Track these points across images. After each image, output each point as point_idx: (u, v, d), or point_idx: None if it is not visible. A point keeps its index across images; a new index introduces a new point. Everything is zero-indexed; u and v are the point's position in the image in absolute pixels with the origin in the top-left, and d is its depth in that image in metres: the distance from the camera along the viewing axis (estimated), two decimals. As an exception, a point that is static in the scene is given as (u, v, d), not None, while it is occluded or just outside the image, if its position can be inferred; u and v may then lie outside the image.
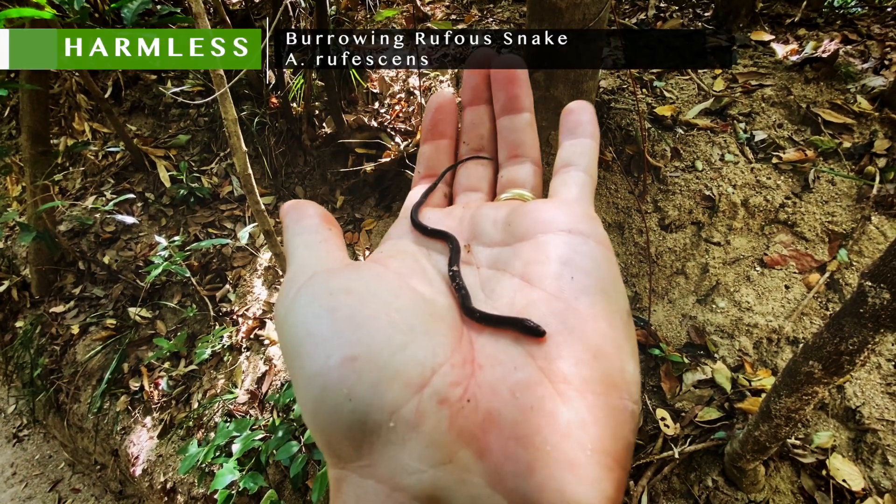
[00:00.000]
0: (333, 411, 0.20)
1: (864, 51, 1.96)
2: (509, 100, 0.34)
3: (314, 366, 0.21)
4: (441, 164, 0.37)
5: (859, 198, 1.71)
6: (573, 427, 0.20)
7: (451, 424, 0.20)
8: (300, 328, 0.23)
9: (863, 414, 1.44)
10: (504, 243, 0.29)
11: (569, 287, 0.24)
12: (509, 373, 0.22)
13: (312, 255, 0.27)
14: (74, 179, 2.87)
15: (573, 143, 0.32)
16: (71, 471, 2.54)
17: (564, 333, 0.23)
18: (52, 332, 2.50)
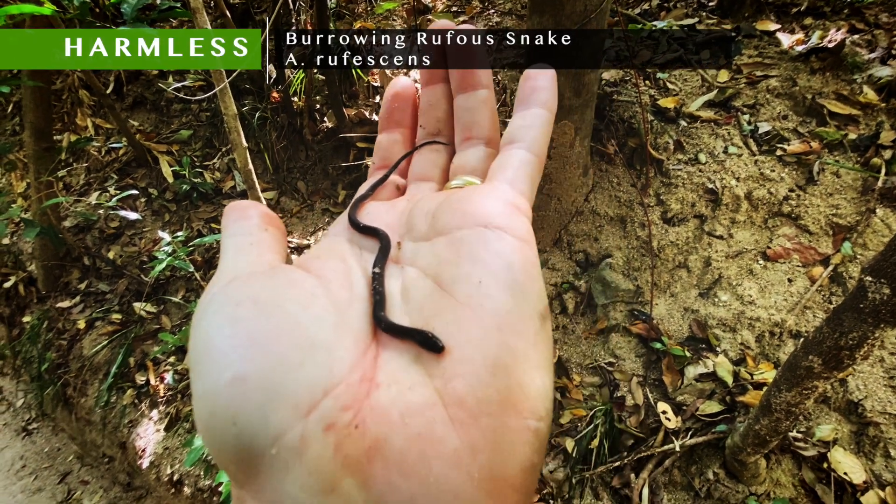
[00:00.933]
0: (220, 434, 0.20)
1: (871, 40, 1.93)
2: (464, 75, 0.31)
3: (206, 384, 0.20)
4: (396, 155, 0.35)
5: (864, 190, 1.69)
6: (462, 454, 0.19)
7: (336, 452, 0.19)
8: (202, 341, 0.21)
9: (865, 407, 1.44)
10: (426, 238, 0.27)
11: (476, 293, 0.22)
12: (403, 393, 0.21)
13: (240, 259, 0.25)
14: (78, 175, 2.88)
15: (523, 114, 0.30)
16: (79, 463, 2.58)
17: (465, 346, 0.21)
18: (58, 326, 2.53)
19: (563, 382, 1.73)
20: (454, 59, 0.31)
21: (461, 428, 0.19)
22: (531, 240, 0.25)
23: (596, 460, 1.53)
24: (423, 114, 0.34)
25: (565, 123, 1.66)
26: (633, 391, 1.65)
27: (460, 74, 0.32)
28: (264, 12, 2.98)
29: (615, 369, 1.71)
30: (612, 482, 1.52)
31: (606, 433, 1.56)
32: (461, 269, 0.23)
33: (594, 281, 1.85)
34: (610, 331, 1.79)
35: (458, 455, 0.19)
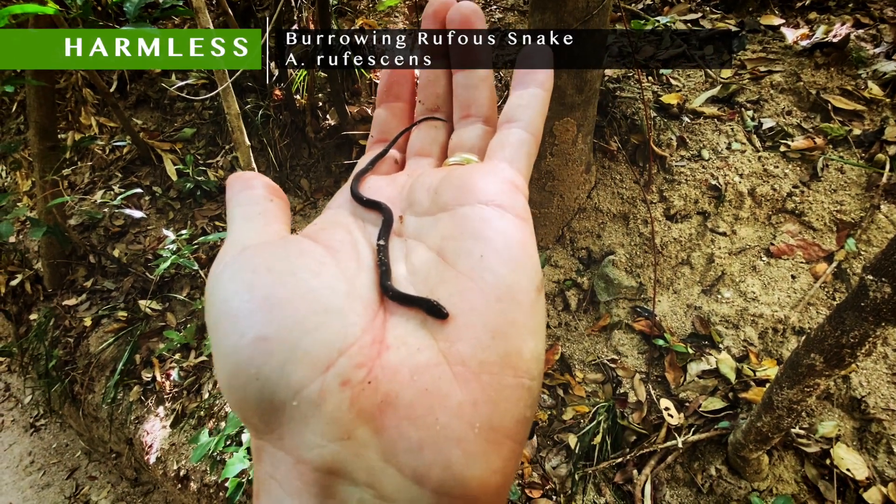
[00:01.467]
0: (243, 388, 0.21)
1: (876, 35, 1.92)
2: (465, 53, 0.32)
3: (228, 343, 0.22)
4: (395, 129, 0.35)
5: (869, 186, 1.69)
6: (465, 407, 0.21)
7: (351, 404, 0.21)
8: (220, 305, 0.23)
9: (868, 404, 1.44)
10: (429, 213, 0.28)
11: (478, 266, 0.24)
12: (412, 354, 0.23)
13: (248, 228, 0.27)
14: (83, 174, 2.90)
15: (520, 93, 0.30)
16: (87, 459, 2.61)
17: (468, 314, 0.23)
18: (65, 324, 2.55)
19: (566, 379, 1.74)
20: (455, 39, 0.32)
21: (464, 384, 0.22)
22: (528, 217, 0.27)
23: (598, 456, 1.54)
24: (422, 89, 0.35)
25: (568, 120, 1.66)
26: (635, 388, 1.65)
27: (461, 51, 0.32)
28: (266, 10, 2.98)
29: (618, 366, 1.71)
30: (614, 478, 1.53)
31: (609, 429, 1.57)
32: (464, 244, 0.25)
33: (597, 278, 1.86)
34: (613, 327, 1.80)
35: (461, 407, 0.21)
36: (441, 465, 0.20)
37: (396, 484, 0.20)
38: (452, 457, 0.20)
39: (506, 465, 0.21)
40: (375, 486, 0.20)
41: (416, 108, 0.35)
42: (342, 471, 0.20)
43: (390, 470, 0.20)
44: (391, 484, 0.20)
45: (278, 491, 0.21)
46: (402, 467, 0.20)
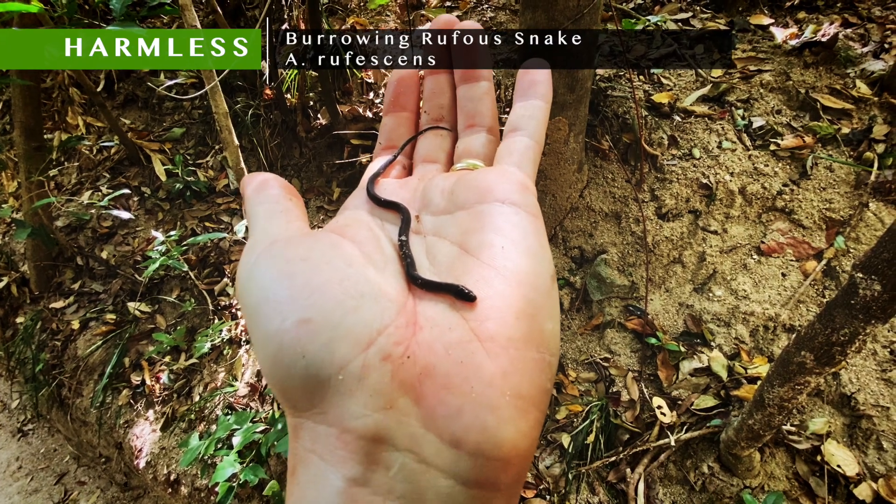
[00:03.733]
0: (289, 367, 0.23)
1: (864, 34, 1.93)
2: (467, 56, 0.35)
3: (271, 327, 0.24)
4: (402, 136, 0.37)
5: (857, 184, 1.70)
6: (496, 378, 0.23)
7: (392, 377, 0.23)
8: (259, 292, 0.25)
9: (858, 400, 1.45)
10: (447, 212, 0.31)
11: (500, 256, 0.27)
12: (445, 333, 0.25)
13: (273, 224, 0.29)
14: (70, 174, 2.86)
15: (524, 104, 0.33)
16: (76, 464, 2.58)
17: (493, 297, 0.25)
18: (52, 327, 2.51)
19: (559, 378, 1.74)
20: (459, 54, 0.35)
21: (494, 358, 0.24)
22: (539, 214, 0.30)
23: (592, 455, 1.54)
24: (426, 100, 0.37)
25: (559, 119, 1.65)
26: (628, 386, 1.65)
27: (464, 67, 0.35)
28: (256, 8, 2.95)
29: (610, 365, 1.71)
30: (607, 477, 1.53)
31: (602, 428, 1.57)
32: (485, 237, 0.28)
33: (589, 277, 1.86)
34: (605, 326, 1.80)
35: (493, 378, 0.23)
36: (477, 429, 0.22)
37: (436, 448, 0.22)
38: (487, 421, 0.22)
39: (532, 430, 0.24)
40: (416, 451, 0.22)
41: (421, 118, 0.38)
42: (385, 437, 0.22)
43: (430, 436, 0.22)
44: (431, 448, 0.22)
45: (318, 464, 0.23)
46: (441, 432, 0.22)
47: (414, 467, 0.22)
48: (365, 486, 0.22)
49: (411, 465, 0.22)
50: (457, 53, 0.35)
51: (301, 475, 0.23)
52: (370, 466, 0.22)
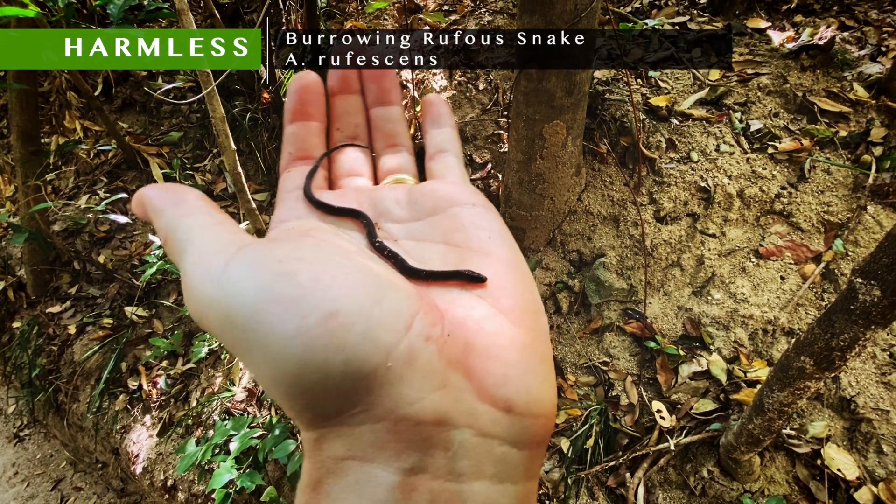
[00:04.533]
0: (323, 367, 0.21)
1: (860, 37, 1.94)
2: (382, 92, 0.38)
3: (288, 328, 0.22)
4: (313, 146, 0.37)
5: (855, 187, 1.70)
6: (527, 343, 0.26)
7: (440, 356, 0.23)
8: (254, 296, 0.22)
9: (857, 404, 1.44)
10: (415, 219, 0.33)
11: (488, 244, 0.30)
12: (469, 311, 0.26)
13: (218, 236, 0.26)
14: (67, 179, 2.85)
15: (440, 131, 0.37)
16: (72, 469, 2.56)
17: (499, 278, 0.28)
18: (49, 332, 2.50)
19: (558, 382, 1.73)
20: (371, 77, 0.38)
21: (520, 327, 0.26)
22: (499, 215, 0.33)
23: (591, 460, 1.53)
24: (339, 118, 0.38)
25: (557, 123, 1.65)
26: (627, 390, 1.65)
27: (378, 91, 0.38)
28: (254, 12, 2.95)
29: (609, 368, 1.71)
30: (607, 482, 1.52)
31: (601, 433, 1.56)
32: (469, 232, 0.30)
33: (588, 280, 1.85)
34: (604, 330, 1.79)
35: (524, 345, 0.26)
36: (524, 392, 0.24)
37: (491, 417, 0.23)
38: (531, 383, 0.25)
39: (555, 388, 0.26)
40: (474, 425, 0.23)
41: (334, 134, 0.38)
42: (444, 417, 0.22)
43: (485, 406, 0.23)
44: (487, 418, 0.23)
45: (359, 468, 0.22)
46: (494, 401, 0.23)
47: (473, 441, 0.22)
48: (423, 472, 0.22)
49: (471, 440, 0.22)
50: (370, 79, 0.38)
51: (332, 487, 0.22)
52: (429, 451, 0.22)
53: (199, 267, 0.24)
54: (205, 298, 0.23)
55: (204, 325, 0.24)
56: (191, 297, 0.24)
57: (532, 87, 1.60)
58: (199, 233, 0.26)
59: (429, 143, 0.37)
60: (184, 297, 0.25)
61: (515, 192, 1.86)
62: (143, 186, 0.29)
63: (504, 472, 0.23)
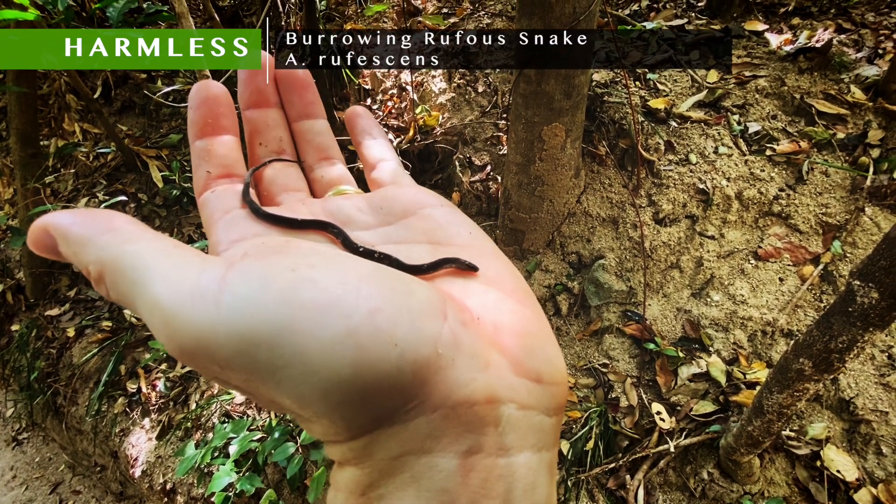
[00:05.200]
0: (378, 364, 0.21)
1: (858, 40, 1.95)
2: (305, 106, 0.37)
3: (336, 332, 0.20)
4: (234, 162, 0.33)
5: (853, 189, 1.71)
6: (535, 319, 0.28)
7: (478, 337, 0.24)
8: (278, 308, 0.21)
9: (857, 405, 1.45)
10: (385, 223, 0.33)
11: (470, 238, 0.31)
12: (482, 297, 0.28)
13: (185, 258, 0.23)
14: (66, 181, 2.85)
15: (374, 142, 0.38)
16: (71, 473, 2.55)
17: (490, 268, 0.30)
18: (47, 335, 2.50)
19: (558, 384, 1.73)
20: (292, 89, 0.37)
21: (526, 306, 0.28)
22: None
23: (591, 462, 1.53)
24: (260, 132, 0.36)
25: (556, 125, 1.66)
26: (627, 392, 1.65)
27: (301, 104, 0.37)
28: (253, 15, 2.96)
29: (609, 370, 1.71)
30: (607, 484, 1.52)
31: (601, 435, 1.56)
32: (450, 229, 0.32)
33: (587, 282, 1.85)
34: (603, 332, 1.79)
35: (534, 320, 0.28)
36: (547, 362, 0.26)
37: (528, 389, 0.24)
38: (551, 354, 0.27)
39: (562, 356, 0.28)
40: (515, 399, 0.24)
41: (256, 150, 0.36)
42: (494, 395, 0.23)
43: (521, 380, 0.24)
44: (524, 391, 0.24)
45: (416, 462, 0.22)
46: (528, 373, 0.25)
47: (517, 415, 0.23)
48: (479, 452, 0.22)
49: (515, 414, 0.23)
50: (290, 92, 0.37)
51: (386, 488, 0.22)
52: (483, 430, 0.22)
53: (180, 293, 0.21)
54: (202, 325, 0.21)
55: (203, 358, 0.21)
56: (177, 330, 0.21)
57: (531, 90, 1.60)
58: (157, 257, 0.23)
59: (366, 154, 0.38)
60: (159, 335, 0.22)
61: (515, 194, 1.87)
62: (44, 216, 0.24)
63: (541, 441, 0.24)
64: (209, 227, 0.31)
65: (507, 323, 0.26)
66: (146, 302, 0.22)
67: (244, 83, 0.35)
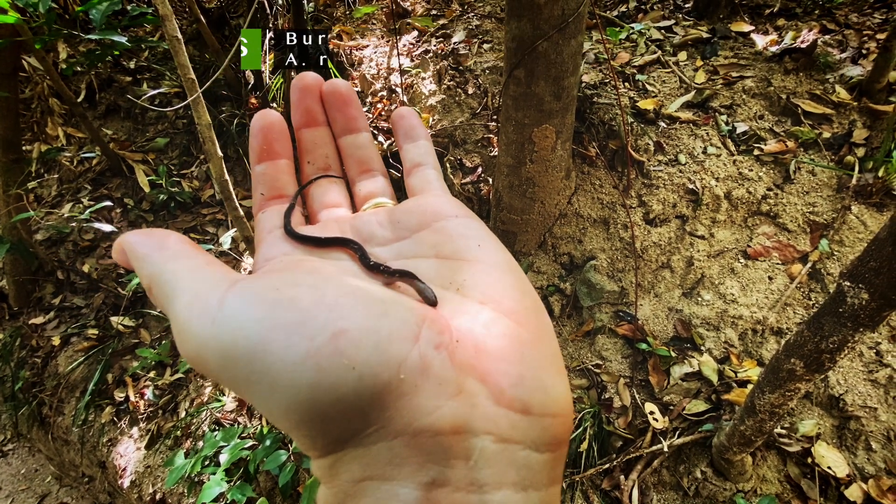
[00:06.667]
0: (336, 386, 0.21)
1: (842, 40, 1.98)
2: (348, 121, 0.38)
3: (297, 352, 0.21)
4: (284, 184, 0.37)
5: (839, 188, 1.73)
6: (535, 342, 0.26)
7: (452, 362, 0.23)
8: (255, 326, 0.22)
9: (846, 401, 1.46)
10: (400, 238, 0.33)
11: (479, 252, 0.30)
12: (475, 316, 0.26)
13: (208, 276, 0.25)
14: (50, 187, 2.79)
15: (415, 144, 0.38)
16: (58, 484, 2.50)
17: (496, 284, 0.28)
18: (32, 343, 2.44)
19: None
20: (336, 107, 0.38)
21: (526, 327, 0.26)
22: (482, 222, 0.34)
23: (585, 463, 1.53)
24: (308, 151, 0.38)
25: (546, 127, 1.66)
26: (620, 392, 1.65)
27: (344, 120, 0.38)
28: (241, 17, 2.93)
29: (602, 371, 1.71)
30: (602, 485, 1.52)
31: (595, 436, 1.57)
32: (459, 243, 0.31)
33: (579, 283, 1.86)
34: (596, 332, 1.80)
35: (533, 343, 0.26)
36: (540, 391, 0.24)
37: (510, 421, 0.23)
38: (546, 382, 0.24)
39: (568, 386, 0.26)
40: (493, 431, 0.22)
41: (305, 168, 0.38)
42: (463, 425, 0.22)
43: (502, 410, 0.23)
44: (505, 423, 0.23)
45: (379, 487, 0.21)
46: (511, 404, 0.23)
47: (493, 448, 0.22)
48: (444, 485, 0.21)
49: (490, 447, 0.22)
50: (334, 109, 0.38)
51: None
52: (449, 462, 0.21)
53: (192, 309, 0.24)
54: (200, 339, 0.23)
55: (201, 368, 0.23)
56: (184, 341, 0.24)
57: (521, 92, 1.60)
58: (186, 275, 0.25)
59: (405, 158, 0.38)
60: (176, 343, 0.24)
61: (506, 196, 1.86)
62: (123, 234, 0.28)
63: (527, 479, 0.22)
64: (257, 244, 0.35)
65: (495, 347, 0.24)
66: (171, 315, 0.25)
67: (296, 105, 0.37)
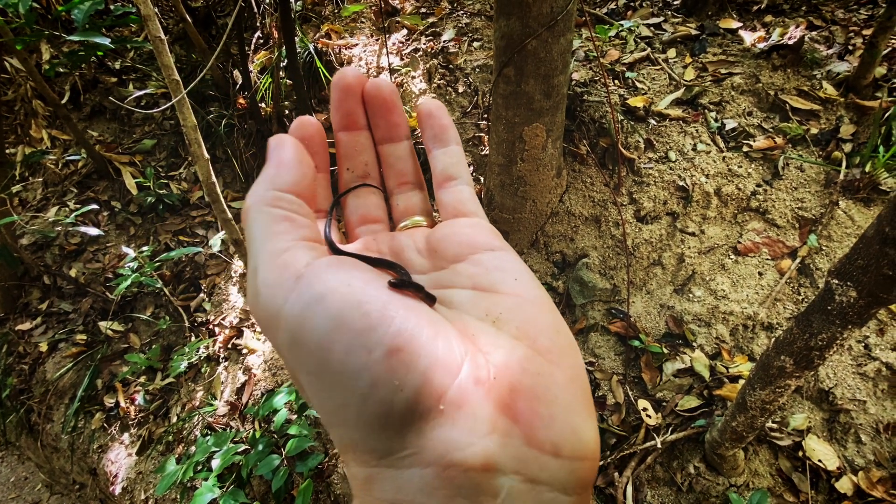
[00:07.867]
0: (382, 404, 0.22)
1: (828, 36, 1.99)
2: (390, 128, 0.36)
3: (357, 361, 0.22)
4: (321, 199, 0.35)
5: (827, 183, 1.74)
6: (567, 383, 0.25)
7: (488, 399, 0.23)
8: (325, 324, 0.23)
9: (836, 395, 1.48)
10: (438, 268, 0.32)
11: (516, 286, 0.29)
12: (510, 353, 0.26)
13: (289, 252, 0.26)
14: (34, 190, 2.75)
15: (444, 151, 0.35)
16: (49, 492, 2.47)
17: (531, 321, 0.27)
18: (19, 350, 2.41)
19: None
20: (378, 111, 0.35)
21: (559, 367, 0.26)
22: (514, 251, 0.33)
23: (579, 461, 1.54)
24: (347, 158, 0.36)
25: (537, 126, 1.65)
26: (613, 390, 1.66)
27: (386, 126, 0.35)
28: (227, 16, 2.89)
29: (595, 368, 1.71)
30: (596, 482, 1.53)
31: (589, 434, 1.57)
32: (496, 276, 0.30)
33: (571, 281, 1.86)
34: (589, 330, 1.80)
35: (566, 384, 0.25)
36: (570, 434, 0.24)
37: (540, 462, 0.23)
38: (577, 424, 0.24)
39: (597, 428, 0.25)
40: (521, 471, 0.22)
41: (343, 175, 0.37)
42: (494, 464, 0.22)
43: (533, 451, 0.23)
44: (535, 464, 0.22)
45: None
46: (542, 445, 0.23)
47: (521, 488, 0.22)
48: None
49: (518, 487, 0.22)
50: (376, 114, 0.35)
51: None
52: (477, 499, 0.21)
53: (270, 273, 0.25)
54: (272, 310, 0.24)
55: (268, 334, 0.25)
56: (257, 303, 0.25)
57: (511, 90, 1.60)
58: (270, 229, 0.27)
59: (435, 166, 0.36)
60: (248, 295, 0.26)
61: (497, 194, 1.86)
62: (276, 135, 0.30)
63: None
64: None
65: (528, 386, 0.24)
66: (251, 265, 0.26)
67: (336, 105, 0.35)
